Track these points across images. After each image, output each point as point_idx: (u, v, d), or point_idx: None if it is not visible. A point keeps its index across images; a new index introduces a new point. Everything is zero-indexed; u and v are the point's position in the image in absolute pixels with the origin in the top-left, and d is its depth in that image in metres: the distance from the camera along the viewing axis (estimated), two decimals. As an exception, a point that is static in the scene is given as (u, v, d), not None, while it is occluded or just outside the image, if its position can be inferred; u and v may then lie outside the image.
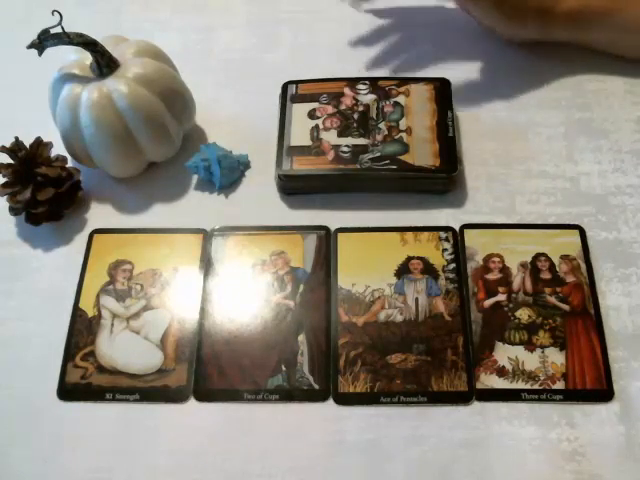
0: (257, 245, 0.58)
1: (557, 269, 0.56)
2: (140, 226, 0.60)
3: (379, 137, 0.60)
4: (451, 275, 0.56)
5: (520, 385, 0.51)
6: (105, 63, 0.57)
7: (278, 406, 0.51)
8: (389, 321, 0.54)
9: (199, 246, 0.59)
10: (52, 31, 0.54)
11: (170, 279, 0.57)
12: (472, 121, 0.65)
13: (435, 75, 0.65)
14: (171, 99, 0.59)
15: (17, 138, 0.58)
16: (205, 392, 0.52)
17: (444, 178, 0.59)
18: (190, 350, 0.54)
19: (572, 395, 0.50)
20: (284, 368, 0.52)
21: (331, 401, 0.51)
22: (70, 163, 0.61)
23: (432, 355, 0.52)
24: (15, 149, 0.58)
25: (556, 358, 0.52)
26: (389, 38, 0.71)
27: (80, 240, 0.60)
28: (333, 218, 0.59)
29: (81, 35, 0.55)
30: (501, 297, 0.55)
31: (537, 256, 0.56)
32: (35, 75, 0.61)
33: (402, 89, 0.63)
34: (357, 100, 0.63)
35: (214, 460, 0.49)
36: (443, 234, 0.58)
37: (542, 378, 0.51)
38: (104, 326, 0.55)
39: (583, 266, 0.56)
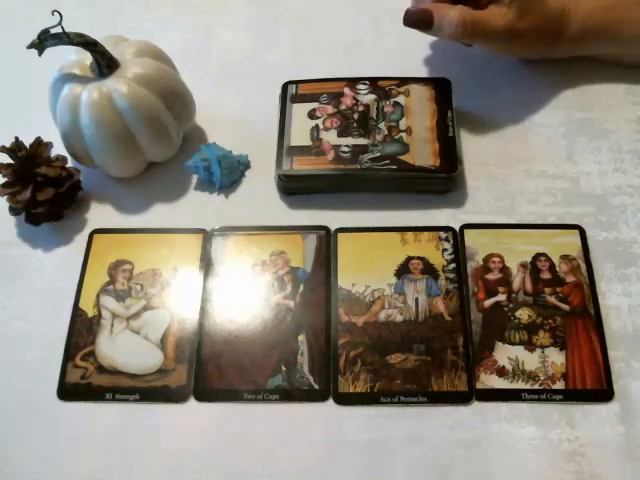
0: (257, 245, 0.58)
1: (557, 269, 0.56)
2: (140, 226, 0.60)
3: (379, 137, 0.60)
4: (451, 275, 0.56)
5: (520, 385, 0.51)
6: (105, 63, 0.57)
7: (278, 406, 0.51)
8: (389, 321, 0.54)
9: (199, 246, 0.59)
10: (52, 31, 0.54)
11: (170, 279, 0.57)
12: (472, 121, 0.65)
13: (435, 75, 0.65)
14: (171, 99, 0.59)
15: (17, 138, 0.58)
16: (205, 392, 0.52)
17: (444, 178, 0.59)
18: (190, 350, 0.54)
19: (572, 395, 0.50)
20: (284, 368, 0.52)
21: (331, 401, 0.51)
22: (70, 163, 0.61)
23: (432, 355, 0.52)
24: (15, 149, 0.58)
25: (556, 358, 0.52)
26: (389, 38, 0.72)
27: (80, 240, 0.60)
28: (333, 218, 0.59)
29: (81, 35, 0.55)
30: (501, 297, 0.55)
31: (537, 256, 0.56)
32: (35, 75, 0.61)
33: (402, 89, 0.63)
34: (357, 100, 0.63)
35: (214, 460, 0.49)
36: (443, 234, 0.58)
37: (542, 378, 0.51)
38: (104, 326, 0.55)
39: (583, 266, 0.56)
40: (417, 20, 0.60)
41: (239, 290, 0.56)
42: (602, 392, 0.50)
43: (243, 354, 0.53)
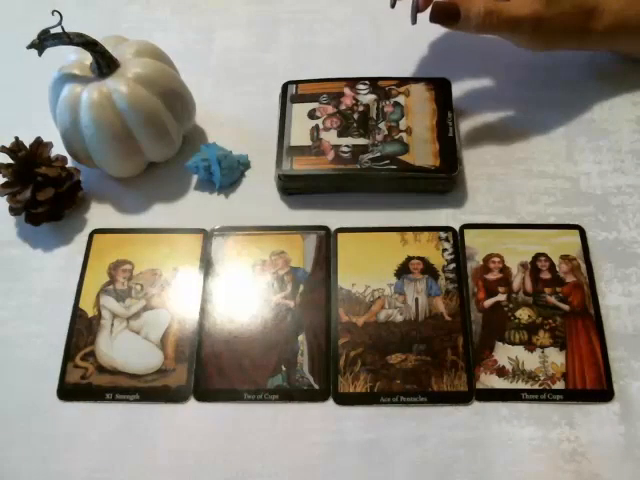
0: (257, 245, 0.58)
1: (557, 269, 0.56)
2: (140, 226, 0.60)
3: (379, 137, 0.60)
4: (451, 275, 0.56)
5: (520, 385, 0.51)
6: (105, 63, 0.57)
7: (278, 406, 0.51)
8: (389, 321, 0.54)
9: (199, 246, 0.59)
10: (52, 31, 0.54)
11: (170, 279, 0.57)
12: (472, 121, 0.65)
13: (435, 75, 0.65)
14: (171, 99, 0.59)
15: (17, 138, 0.58)
16: (205, 392, 0.52)
17: (444, 178, 0.59)
18: (190, 350, 0.54)
19: (572, 395, 0.50)
20: (284, 368, 0.52)
21: (331, 401, 0.51)
22: (70, 163, 0.61)
23: (432, 355, 0.52)
24: (15, 149, 0.58)
25: (556, 358, 0.52)
26: (389, 38, 0.72)
27: (80, 240, 0.60)
28: (333, 218, 0.59)
29: (81, 35, 0.55)
30: (501, 297, 0.55)
31: (537, 256, 0.56)
32: (35, 75, 0.61)
33: (402, 89, 0.63)
34: (357, 100, 0.63)
35: (214, 460, 0.49)
36: (443, 234, 0.58)
37: (542, 378, 0.51)
38: (104, 326, 0.55)
39: (583, 266, 0.56)
40: (444, 15, 0.58)
41: (239, 290, 0.56)
42: (602, 392, 0.50)
43: (243, 354, 0.53)
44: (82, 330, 0.55)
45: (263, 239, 0.59)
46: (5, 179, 0.59)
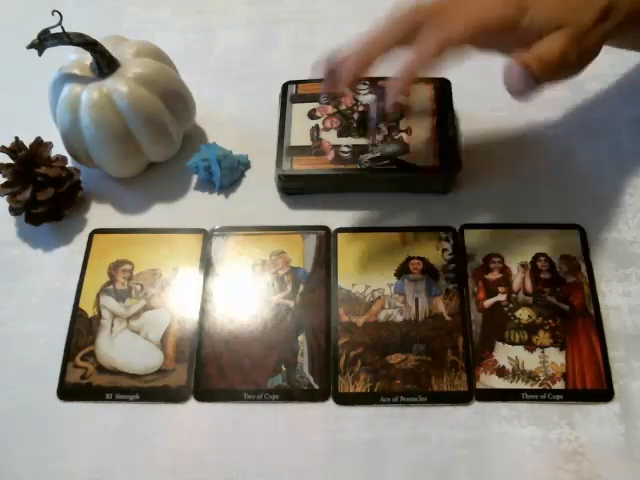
0: (257, 245, 0.58)
1: (557, 269, 0.56)
2: (140, 226, 0.60)
3: (379, 137, 0.60)
4: (451, 275, 0.56)
5: (520, 385, 0.51)
6: (105, 63, 0.57)
7: (278, 406, 0.51)
8: (389, 321, 0.54)
9: (199, 246, 0.59)
10: (52, 31, 0.54)
11: (170, 279, 0.57)
12: (472, 121, 0.65)
13: (435, 75, 0.65)
14: (171, 99, 0.59)
15: (17, 138, 0.58)
16: (205, 392, 0.52)
17: (444, 178, 0.59)
18: (190, 350, 0.54)
19: (572, 395, 0.50)
20: (284, 368, 0.52)
21: (331, 401, 0.51)
22: (70, 163, 0.61)
23: (432, 355, 0.52)
24: (15, 149, 0.58)
25: (556, 358, 0.52)
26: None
27: (80, 240, 0.60)
28: (333, 218, 0.59)
29: (81, 35, 0.55)
30: (501, 297, 0.55)
31: (537, 256, 0.56)
32: (35, 75, 0.61)
33: (402, 89, 0.63)
34: (357, 100, 0.63)
35: (214, 460, 0.49)
36: (443, 234, 0.58)
37: (542, 378, 0.51)
38: (104, 326, 0.55)
39: (583, 266, 0.56)
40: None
41: (239, 290, 0.56)
42: (602, 392, 0.50)
43: (243, 354, 0.53)
44: (82, 330, 0.55)
45: (263, 239, 0.59)
46: (5, 179, 0.59)
